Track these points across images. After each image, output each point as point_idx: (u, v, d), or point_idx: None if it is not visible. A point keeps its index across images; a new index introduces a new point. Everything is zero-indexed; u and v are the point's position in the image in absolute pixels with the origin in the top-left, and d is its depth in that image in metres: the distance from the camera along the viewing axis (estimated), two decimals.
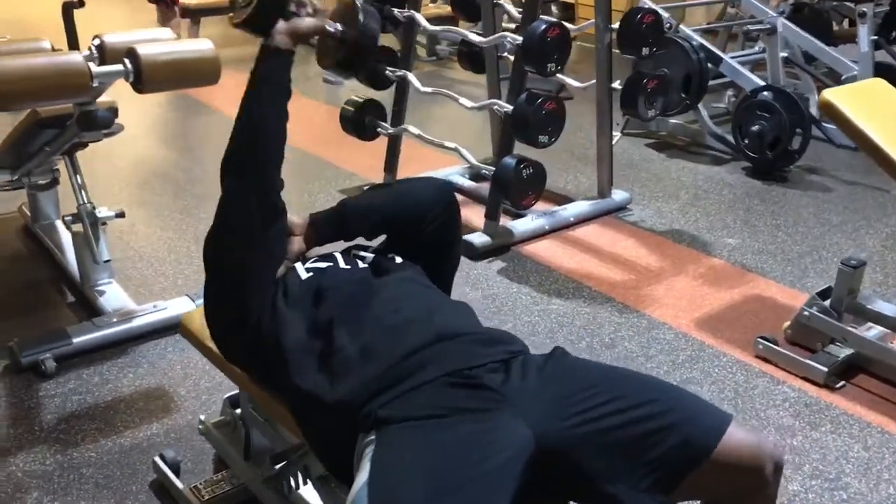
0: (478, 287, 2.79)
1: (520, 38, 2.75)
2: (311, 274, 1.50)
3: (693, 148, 4.18)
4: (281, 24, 1.46)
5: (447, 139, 3.16)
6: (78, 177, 2.56)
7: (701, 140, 4.18)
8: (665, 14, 3.04)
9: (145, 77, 2.07)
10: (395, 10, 3.19)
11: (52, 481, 1.87)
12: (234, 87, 1.54)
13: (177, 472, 1.84)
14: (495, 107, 2.91)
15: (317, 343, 1.37)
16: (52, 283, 2.79)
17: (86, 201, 2.52)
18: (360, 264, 1.56)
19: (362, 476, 1.14)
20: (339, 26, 1.54)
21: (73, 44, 2.84)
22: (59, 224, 2.96)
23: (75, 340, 2.33)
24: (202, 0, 6.19)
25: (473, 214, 3.10)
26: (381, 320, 1.37)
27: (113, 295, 2.56)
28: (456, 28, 3.14)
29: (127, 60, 2.06)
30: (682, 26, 3.93)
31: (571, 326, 2.55)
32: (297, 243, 1.59)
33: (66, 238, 2.84)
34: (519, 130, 2.82)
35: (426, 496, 1.08)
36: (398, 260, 1.59)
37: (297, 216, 1.60)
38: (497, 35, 2.89)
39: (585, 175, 3.73)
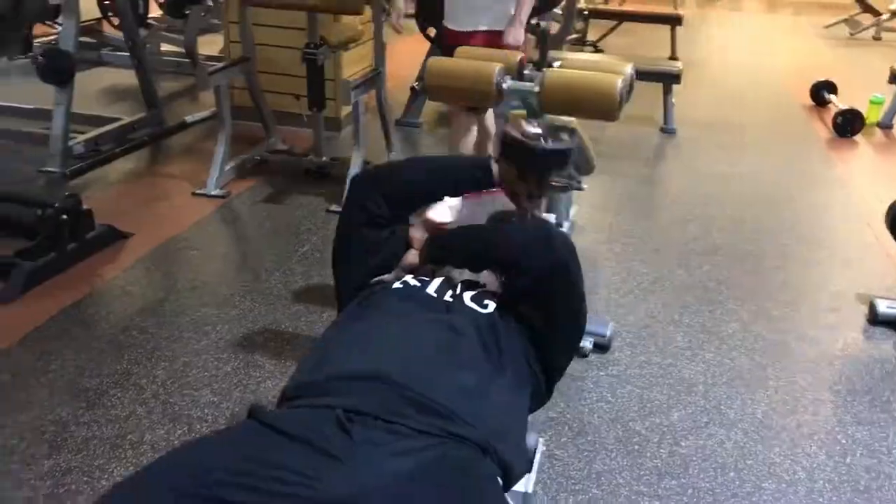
0: (876, 455, 2.13)
1: None
2: (400, 286, 1.55)
3: None
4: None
5: None
6: None
7: None
8: None
9: (545, 97, 2.24)
10: None
11: None
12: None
13: None
14: None
15: (332, 342, 1.45)
16: None
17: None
18: (446, 296, 1.52)
19: None
20: None
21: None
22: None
23: None
24: None
25: None
26: (370, 344, 1.38)
27: None
28: None
29: (536, 80, 2.26)
30: None
31: None
32: (410, 256, 1.63)
33: None
34: None
35: (193, 474, 1.13)
36: (483, 308, 1.49)
37: (420, 231, 1.63)
38: None
39: None
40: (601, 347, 2.54)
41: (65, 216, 2.83)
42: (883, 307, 2.80)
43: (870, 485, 2.03)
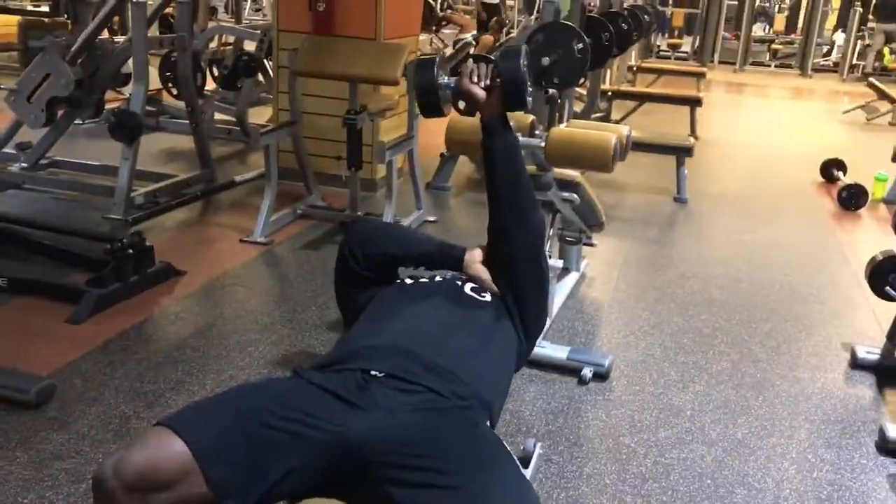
0: (840, 471, 2.38)
1: None
2: (410, 281, 1.93)
3: None
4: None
5: None
6: (551, 230, 3.19)
7: None
8: None
9: (549, 150, 2.60)
10: None
11: None
12: None
13: None
14: None
15: (355, 330, 1.81)
16: None
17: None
18: (451, 282, 1.91)
19: None
20: None
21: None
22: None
23: None
24: None
25: None
26: (384, 325, 1.72)
27: None
28: None
29: (542, 136, 2.63)
30: None
31: None
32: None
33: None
34: None
35: (240, 405, 1.46)
36: (481, 297, 1.85)
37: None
38: None
39: None
40: (600, 376, 2.83)
41: (130, 251, 3.22)
42: (862, 352, 3.06)
43: (831, 495, 2.28)
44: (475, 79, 1.91)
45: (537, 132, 2.81)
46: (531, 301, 1.95)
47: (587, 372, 2.81)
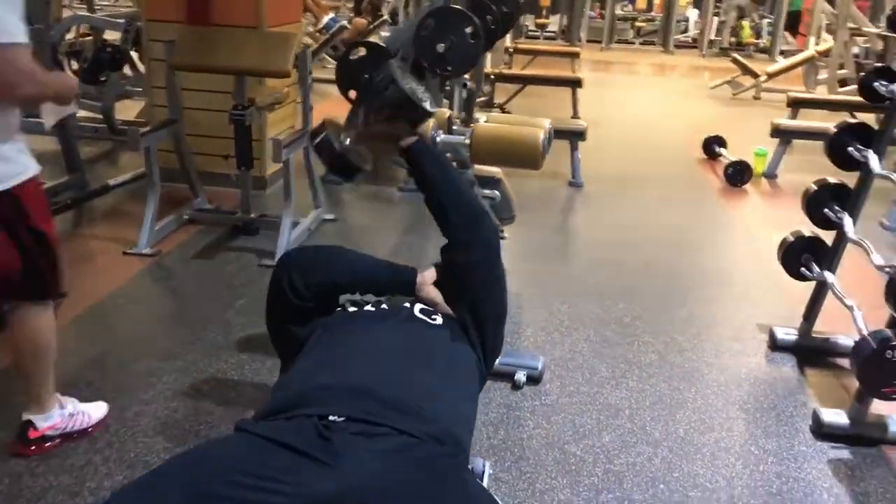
0: (784, 462, 2.36)
1: None
2: (355, 309, 1.75)
3: None
4: None
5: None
6: None
7: None
8: None
9: (474, 148, 2.45)
10: (881, 83, 2.76)
11: None
12: None
13: None
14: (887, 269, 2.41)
15: (300, 368, 1.60)
16: None
17: None
18: (399, 308, 1.74)
19: None
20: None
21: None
22: None
23: None
24: None
25: None
26: (335, 360, 1.53)
27: None
28: None
29: (466, 134, 2.47)
30: None
31: None
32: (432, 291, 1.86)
33: None
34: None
35: (198, 475, 1.24)
36: (433, 320, 1.69)
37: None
38: None
39: None
40: (534, 380, 2.72)
41: None
42: (781, 334, 3.10)
43: (781, 488, 2.26)
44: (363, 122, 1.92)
45: (455, 128, 2.65)
46: (490, 319, 1.82)
47: (521, 376, 2.69)
